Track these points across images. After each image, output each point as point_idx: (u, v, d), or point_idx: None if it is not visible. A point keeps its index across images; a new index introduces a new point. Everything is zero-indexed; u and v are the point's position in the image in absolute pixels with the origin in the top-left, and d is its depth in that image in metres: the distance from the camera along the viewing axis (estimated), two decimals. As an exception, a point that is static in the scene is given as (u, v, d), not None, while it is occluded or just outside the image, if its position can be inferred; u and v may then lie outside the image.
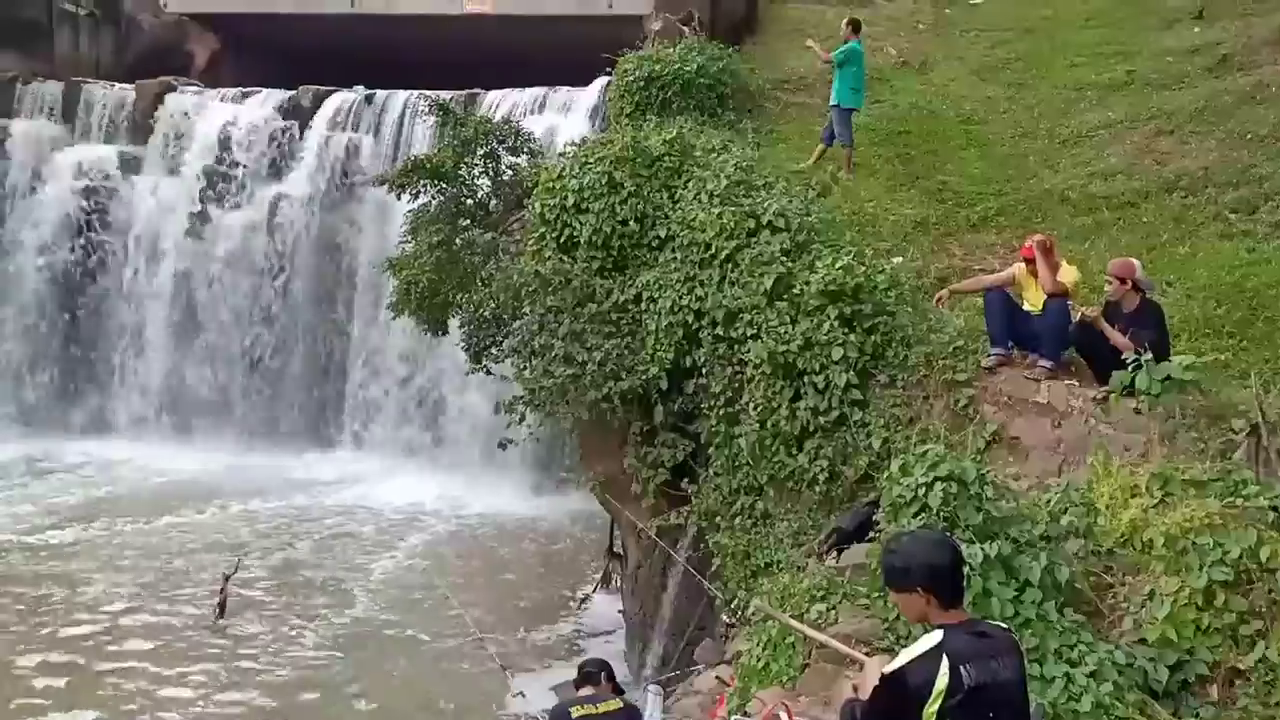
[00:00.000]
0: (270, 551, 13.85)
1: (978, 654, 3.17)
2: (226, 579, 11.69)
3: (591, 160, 10.21)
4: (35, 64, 21.68)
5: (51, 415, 19.86)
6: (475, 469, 17.29)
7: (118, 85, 21.34)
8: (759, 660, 5.95)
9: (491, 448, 15.77)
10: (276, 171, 20.18)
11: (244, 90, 21.42)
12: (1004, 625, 3.81)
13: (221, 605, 11.46)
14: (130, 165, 20.44)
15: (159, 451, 18.59)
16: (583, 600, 12.71)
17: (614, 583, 12.38)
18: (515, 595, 12.84)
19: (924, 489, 5.67)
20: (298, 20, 24.00)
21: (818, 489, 7.87)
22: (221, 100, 20.93)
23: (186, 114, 20.54)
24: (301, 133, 20.21)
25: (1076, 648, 5.01)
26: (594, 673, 5.73)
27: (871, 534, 6.53)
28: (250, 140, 20.19)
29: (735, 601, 7.75)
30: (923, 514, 5.62)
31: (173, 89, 20.94)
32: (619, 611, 11.65)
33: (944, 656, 3.13)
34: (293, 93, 20.71)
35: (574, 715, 5.12)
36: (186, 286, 19.86)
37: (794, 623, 5.61)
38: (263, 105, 20.65)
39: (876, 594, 5.76)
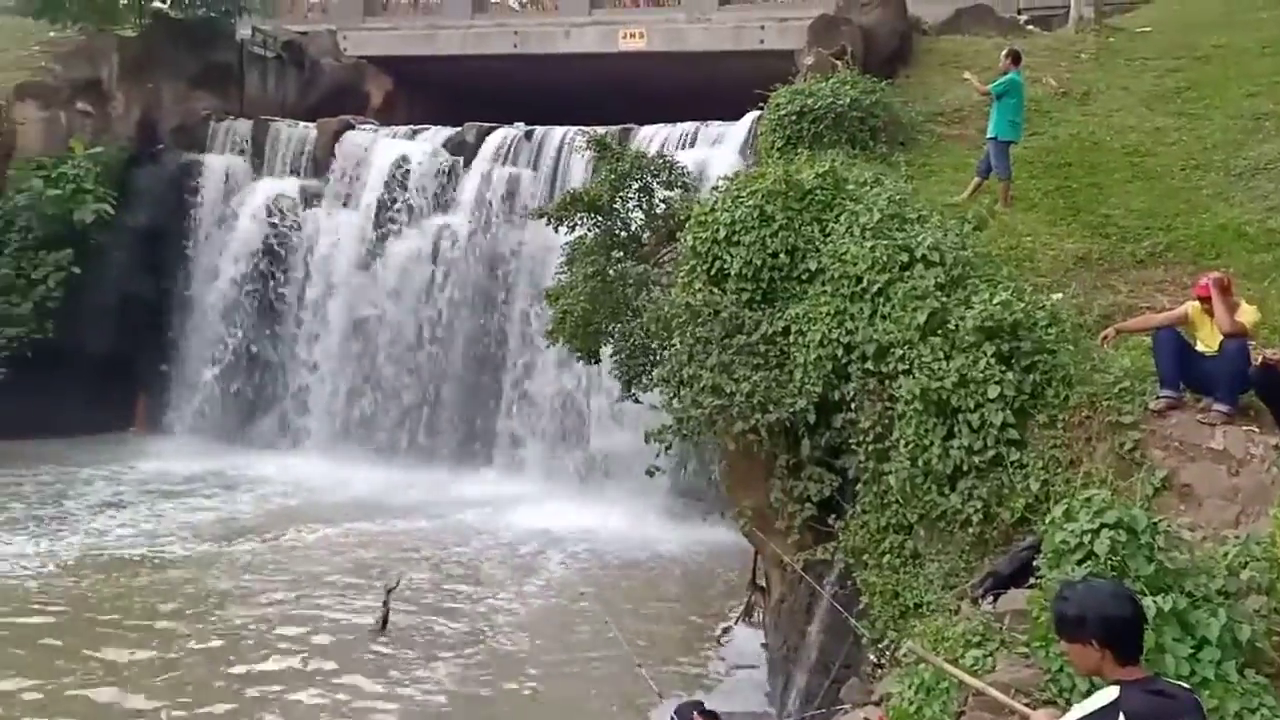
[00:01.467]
0: (426, 568, 14.40)
1: (1157, 714, 3.04)
2: (389, 592, 12.15)
3: (743, 194, 10.34)
4: (228, 103, 23.63)
5: (235, 432, 21.40)
6: (621, 496, 17.57)
7: (301, 123, 23.00)
8: (911, 704, 5.85)
9: (637, 475, 16.03)
10: (442, 204, 21.27)
11: (414, 127, 22.73)
12: (1185, 685, 3.60)
13: (384, 619, 11.92)
14: (310, 198, 21.95)
15: (329, 468, 19.71)
16: (724, 631, 12.70)
17: (756, 615, 12.33)
18: (657, 624, 12.96)
19: (1089, 536, 5.48)
20: (464, 61, 25.31)
21: (971, 530, 7.68)
22: (393, 137, 22.26)
23: (362, 150, 21.91)
24: (466, 167, 21.22)
25: (1259, 711, 4.73)
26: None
27: (1032, 580, 6.34)
28: (418, 174, 21.36)
29: (885, 641, 7.63)
30: (1088, 562, 5.43)
31: (350, 127, 22.42)
32: (761, 645, 11.61)
33: (1120, 715, 3.03)
34: (458, 129, 21.81)
35: None
36: (357, 313, 21.09)
37: (949, 667, 5.50)
38: (431, 141, 21.83)
39: (1038, 643, 5.58)
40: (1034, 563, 6.32)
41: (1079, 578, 5.09)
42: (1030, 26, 20.00)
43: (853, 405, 9.01)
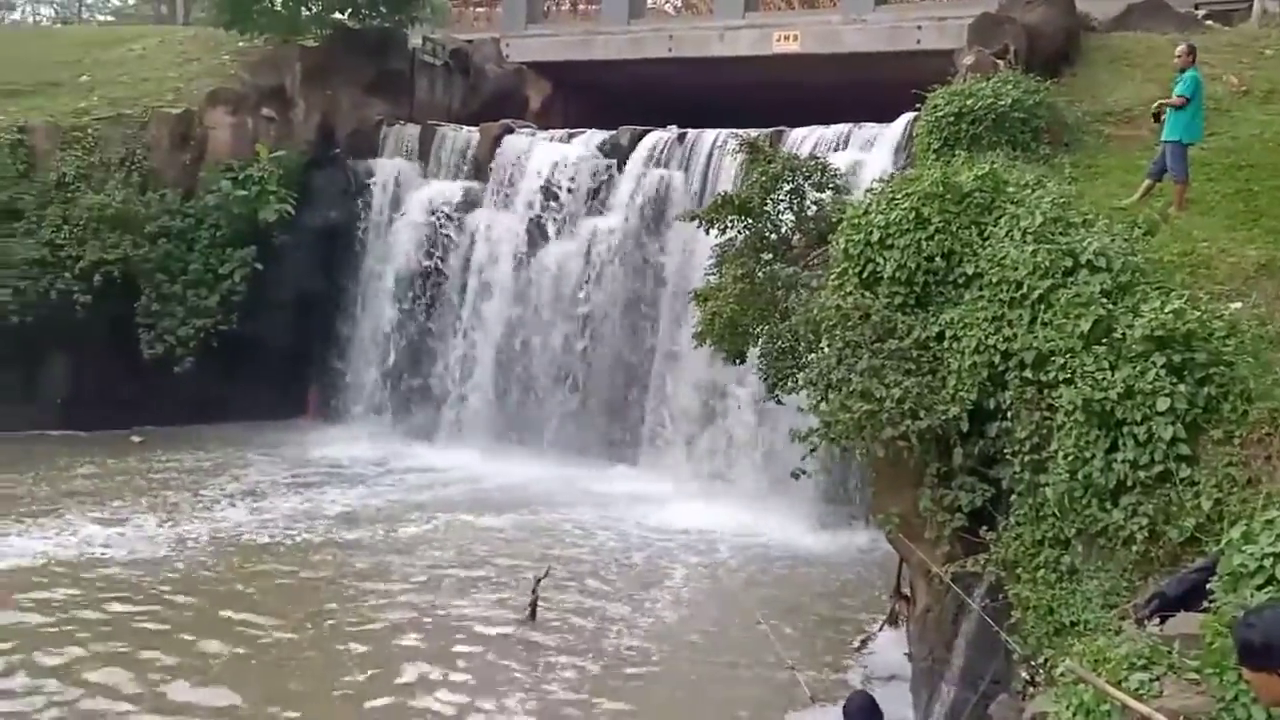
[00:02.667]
0: (572, 562, 14.78)
1: None
2: (537, 583, 12.51)
3: (898, 196, 10.21)
4: (399, 109, 24.85)
5: (395, 423, 22.53)
6: (764, 498, 17.57)
7: (464, 128, 23.95)
8: (1070, 725, 5.68)
9: (781, 478, 15.99)
10: (595, 206, 21.75)
11: (570, 131, 23.31)
12: None
13: (532, 608, 12.29)
14: (472, 200, 22.86)
15: (482, 461, 20.46)
16: (865, 640, 12.55)
17: (900, 624, 12.14)
18: (796, 628, 12.91)
19: (1272, 560, 5.21)
20: (620, 65, 25.79)
21: (1134, 548, 7.36)
22: (550, 140, 22.90)
23: (520, 153, 22.66)
24: (619, 169, 21.64)
25: None
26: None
27: (1205, 604, 6.04)
28: (574, 177, 21.92)
29: (1044, 659, 7.39)
30: (1269, 587, 5.17)
31: (510, 131, 23.21)
32: (905, 654, 11.41)
33: None
34: (613, 133, 22.24)
35: None
36: (513, 311, 21.83)
37: (1113, 690, 5.30)
38: (586, 145, 22.34)
39: (1210, 669, 5.32)
40: (1205, 585, 6.03)
41: (1261, 604, 4.85)
42: (1209, 22, 18.85)
43: (1008, 414, 8.77)
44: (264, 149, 22.49)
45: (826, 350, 10.48)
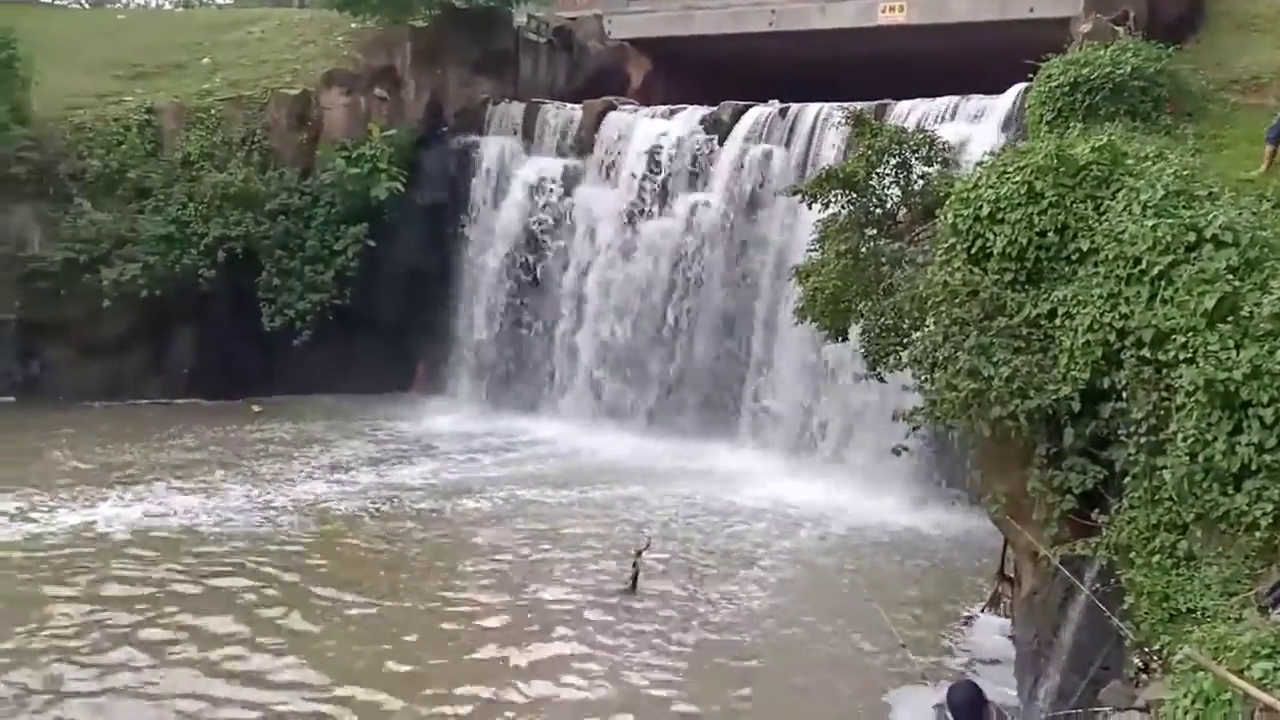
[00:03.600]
0: (672, 535, 14.95)
1: None
2: (638, 554, 12.73)
3: (1010, 169, 9.97)
4: (504, 87, 25.26)
5: (500, 396, 23.08)
6: (863, 477, 17.44)
7: (568, 105, 24.21)
8: (1186, 713, 5.56)
9: (880, 457, 15.82)
10: (696, 181, 21.75)
11: (672, 107, 23.33)
12: None
13: (633, 579, 12.50)
14: (574, 176, 23.13)
15: (582, 434, 20.85)
16: (966, 620, 12.37)
17: (1003, 606, 11.94)
18: (894, 608, 12.79)
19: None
20: (721, 40, 25.62)
21: (1258, 534, 7.12)
22: (652, 117, 22.97)
23: (622, 130, 22.78)
24: (720, 145, 21.57)
25: None
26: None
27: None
28: (675, 153, 21.96)
29: (1159, 646, 7.21)
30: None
31: (613, 107, 23.38)
32: (1008, 637, 11.24)
33: None
34: (714, 108, 22.18)
35: None
36: (614, 287, 22.05)
37: (1235, 679, 5.17)
38: (687, 121, 22.34)
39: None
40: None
41: None
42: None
43: (1124, 394, 8.53)
44: (376, 128, 23.15)
45: (932, 327, 10.33)
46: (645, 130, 22.51)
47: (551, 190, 23.22)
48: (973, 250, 10.00)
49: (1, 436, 18.69)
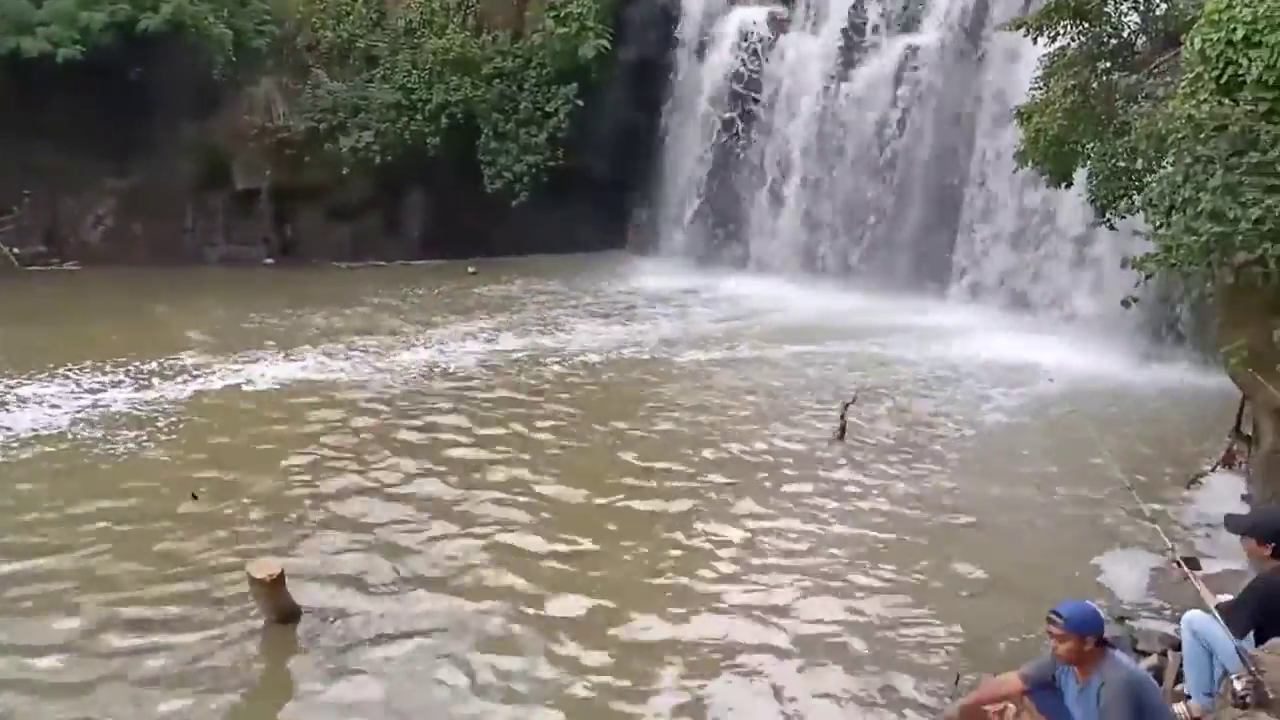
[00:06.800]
0: (879, 389, 14.83)
1: None
2: (846, 406, 12.88)
3: (1275, -15, 8.88)
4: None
5: (708, 254, 23.37)
6: (1084, 332, 16.63)
7: (771, -51, 23.24)
8: None
9: (1104, 310, 15.00)
10: (907, 24, 20.57)
11: (881, -56, 21.89)
12: None
13: (842, 429, 12.63)
14: (779, 25, 22.40)
15: (790, 290, 20.92)
16: (1194, 479, 11.74)
17: (1237, 466, 11.29)
18: (1119, 464, 12.30)
19: None
20: None
21: None
22: (861, -44, 21.69)
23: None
24: (936, -18, 20.24)
25: None
26: None
27: None
28: (886, -5, 20.79)
29: None
30: None
31: (818, -51, 22.23)
32: (1242, 496, 10.66)
33: None
34: (927, -57, 20.68)
35: None
36: (822, 139, 21.52)
37: None
38: (900, -43, 20.98)
39: None
40: None
41: None
42: None
43: (1392, 233, 7.69)
44: (582, -14, 23.17)
45: (1171, 167, 9.58)
46: (854, -28, 21.36)
47: (758, 39, 22.62)
48: (1222, 79, 9.07)
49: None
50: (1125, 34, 12.08)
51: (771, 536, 9.94)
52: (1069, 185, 12.81)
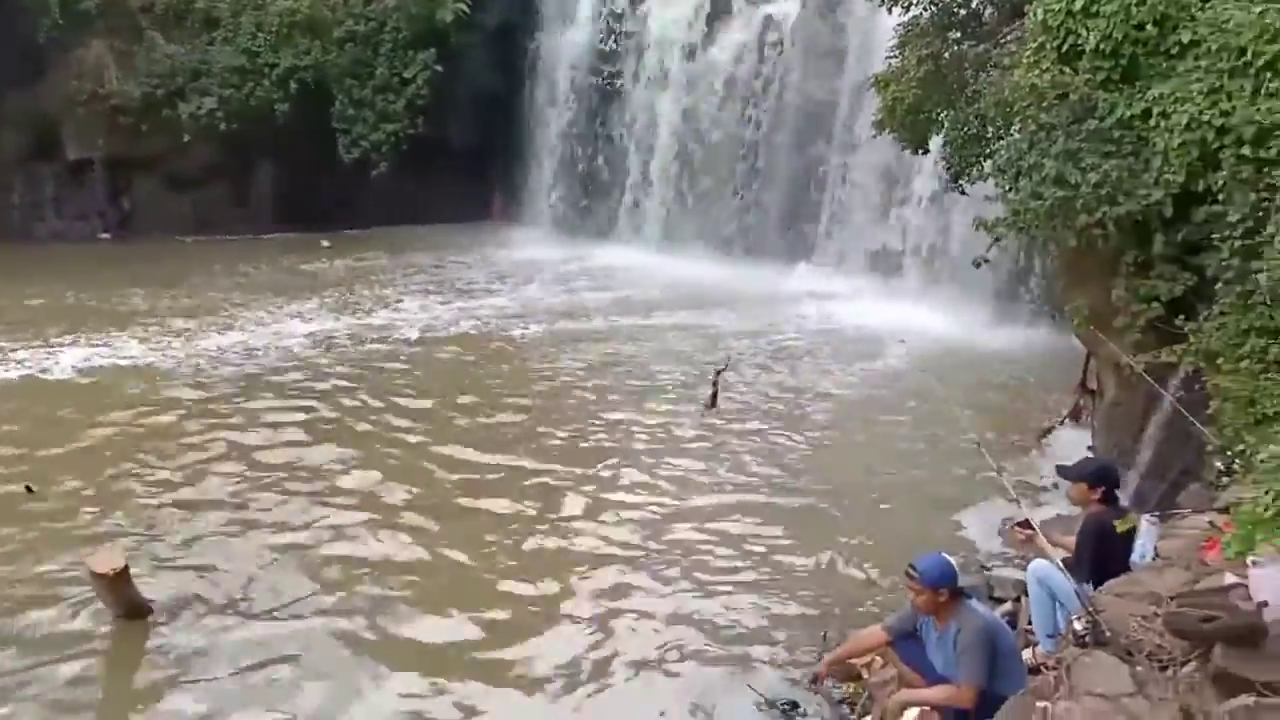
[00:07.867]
0: (749, 354, 15.07)
1: None
2: (718, 373, 12.91)
3: (1109, -44, 9.21)
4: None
5: (576, 224, 23.10)
6: (940, 294, 17.22)
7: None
8: (1268, 509, 5.56)
9: (958, 273, 15.52)
10: (770, -10, 20.71)
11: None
12: None
13: (713, 397, 12.68)
14: (641, -7, 22.22)
15: (658, 259, 20.89)
16: (1044, 432, 12.34)
17: (1083, 419, 11.90)
18: (972, 422, 12.79)
19: None
20: None
21: (1352, 337, 6.88)
22: (723, -80, 21.66)
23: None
24: (795, -52, 20.40)
25: None
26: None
27: None
28: (747, -41, 20.84)
29: (1244, 448, 7.14)
30: None
31: (679, -88, 22.07)
32: (1087, 448, 11.23)
33: None
34: (787, -94, 20.80)
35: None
36: (686, 106, 21.49)
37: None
38: (760, -78, 21.06)
39: None
40: None
41: None
42: None
43: (1219, 197, 8.14)
44: (438, -53, 22.38)
45: (1017, 134, 9.91)
46: (717, -65, 21.34)
47: (620, 7, 22.37)
48: (1063, 49, 9.39)
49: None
50: (974, 4, 12.40)
51: (636, 510, 9.86)
52: (925, 152, 13.15)
